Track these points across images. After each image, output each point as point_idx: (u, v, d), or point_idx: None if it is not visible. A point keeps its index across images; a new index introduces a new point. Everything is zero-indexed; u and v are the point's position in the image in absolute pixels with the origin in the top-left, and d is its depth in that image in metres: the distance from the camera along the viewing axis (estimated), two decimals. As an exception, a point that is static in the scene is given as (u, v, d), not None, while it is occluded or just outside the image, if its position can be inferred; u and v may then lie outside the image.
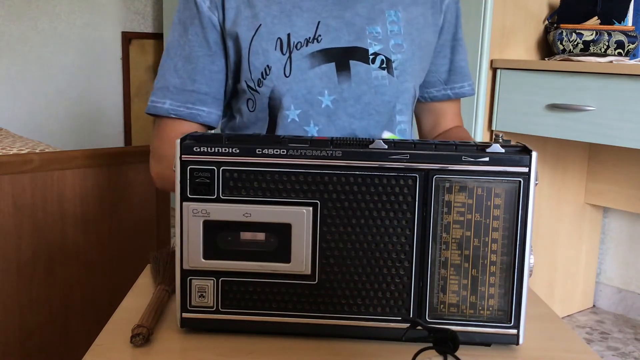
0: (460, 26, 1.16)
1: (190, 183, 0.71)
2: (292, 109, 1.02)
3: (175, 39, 1.05)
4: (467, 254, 0.70)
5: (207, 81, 1.04)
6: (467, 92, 1.19)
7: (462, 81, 1.18)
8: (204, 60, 1.03)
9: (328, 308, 0.72)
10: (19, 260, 1.47)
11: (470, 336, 0.72)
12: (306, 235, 0.71)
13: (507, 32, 2.15)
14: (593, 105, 1.88)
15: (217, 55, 1.04)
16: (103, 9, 3.71)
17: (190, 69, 1.03)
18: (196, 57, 1.03)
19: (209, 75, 1.04)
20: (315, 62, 1.01)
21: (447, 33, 1.14)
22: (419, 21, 1.08)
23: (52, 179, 1.49)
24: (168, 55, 1.05)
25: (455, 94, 1.18)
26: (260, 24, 1.01)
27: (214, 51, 1.04)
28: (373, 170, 0.70)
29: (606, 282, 2.70)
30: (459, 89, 1.18)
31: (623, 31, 2.06)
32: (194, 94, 1.03)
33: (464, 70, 1.18)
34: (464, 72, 1.18)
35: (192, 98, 1.04)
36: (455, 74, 1.17)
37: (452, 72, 1.17)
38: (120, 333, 0.75)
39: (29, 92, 3.53)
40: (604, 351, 2.31)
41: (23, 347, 1.51)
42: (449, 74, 1.17)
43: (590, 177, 2.54)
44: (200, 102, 1.04)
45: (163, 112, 1.04)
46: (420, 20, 1.09)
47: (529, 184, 0.69)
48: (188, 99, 1.03)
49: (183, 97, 1.03)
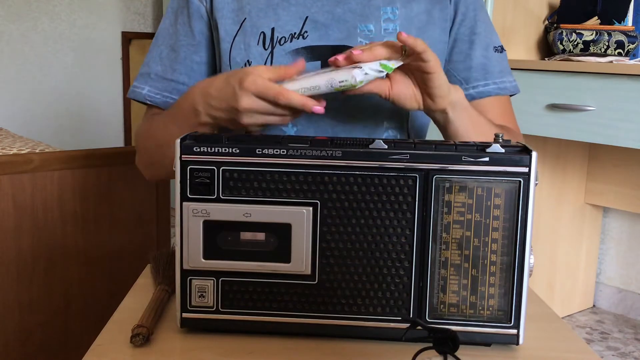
0: (481, 19, 1.05)
1: (190, 183, 0.71)
2: None
3: (165, 27, 1.05)
4: (467, 254, 0.70)
5: (188, 71, 1.02)
6: (492, 90, 1.05)
7: (485, 79, 1.05)
8: (186, 50, 1.02)
9: (328, 308, 0.72)
10: (19, 260, 1.47)
11: (470, 336, 0.72)
12: (306, 235, 0.71)
13: (507, 32, 2.15)
14: (593, 105, 1.88)
15: (201, 45, 1.02)
16: (103, 9, 3.72)
17: (173, 58, 1.02)
18: (179, 47, 1.02)
19: (189, 66, 1.02)
20: (298, 59, 0.91)
21: (462, 26, 1.04)
22: (421, 19, 1.01)
23: (52, 179, 1.49)
24: (156, 43, 1.05)
25: (480, 92, 1.04)
26: (245, 17, 0.98)
27: (198, 41, 1.02)
28: (373, 170, 0.70)
29: (606, 282, 2.70)
30: (484, 87, 1.05)
31: (623, 31, 2.06)
32: (172, 83, 1.02)
33: (487, 67, 1.05)
34: (487, 69, 1.05)
35: (170, 87, 1.02)
36: (477, 71, 1.05)
37: (473, 70, 1.05)
38: (120, 333, 0.75)
39: (28, 91, 3.53)
40: (604, 351, 2.31)
41: (23, 347, 1.51)
42: (470, 72, 1.05)
43: (590, 177, 2.54)
44: (177, 91, 1.02)
45: (140, 97, 1.04)
46: (422, 17, 1.01)
47: (529, 184, 0.69)
48: (166, 87, 1.02)
49: (161, 85, 1.03)
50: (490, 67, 1.05)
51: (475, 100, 1.04)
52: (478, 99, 1.05)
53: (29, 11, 3.48)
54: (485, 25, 1.06)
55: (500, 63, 1.07)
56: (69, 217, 1.53)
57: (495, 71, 1.05)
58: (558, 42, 2.10)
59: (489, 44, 1.06)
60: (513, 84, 1.08)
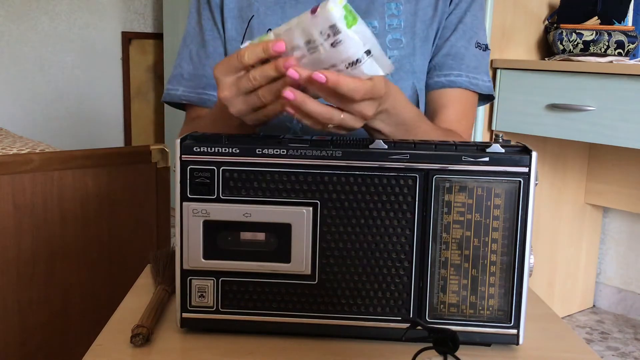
0: (472, 13, 1.02)
1: (190, 183, 0.71)
2: None
3: (191, 27, 1.05)
4: (467, 254, 0.70)
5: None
6: (463, 82, 1.00)
7: (459, 69, 1.00)
8: (213, 44, 1.02)
9: (328, 308, 0.72)
10: (19, 260, 1.47)
11: (470, 336, 0.72)
12: (306, 235, 0.71)
13: (507, 32, 2.15)
14: (593, 105, 1.88)
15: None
16: (103, 9, 3.72)
17: (203, 54, 1.03)
18: (207, 41, 1.03)
19: (218, 59, 1.02)
20: None
21: (452, 15, 1.02)
22: (427, 12, 1.01)
23: (52, 179, 1.49)
24: (184, 44, 1.06)
25: (450, 81, 1.00)
26: (252, 15, 0.99)
27: (222, 34, 1.03)
28: (373, 170, 0.70)
29: (606, 282, 2.70)
30: (456, 77, 1.00)
31: (623, 31, 2.06)
32: (204, 79, 1.02)
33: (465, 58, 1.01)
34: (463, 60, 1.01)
35: (202, 83, 1.02)
36: (453, 59, 1.01)
37: (450, 57, 1.01)
38: (120, 333, 0.75)
39: (28, 92, 3.53)
40: (604, 351, 2.31)
41: (23, 347, 1.51)
42: (445, 58, 1.01)
43: (590, 177, 2.54)
44: (211, 86, 1.02)
45: (176, 98, 1.03)
46: (428, 11, 1.01)
47: (529, 184, 0.69)
48: (199, 84, 1.02)
49: (194, 83, 1.03)
50: (468, 59, 1.02)
51: (442, 89, 1.01)
52: (446, 88, 1.01)
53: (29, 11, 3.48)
54: (474, 19, 1.03)
55: (479, 60, 1.03)
56: (69, 217, 1.53)
57: (472, 65, 1.02)
58: (558, 42, 2.10)
59: (473, 37, 1.03)
60: (487, 84, 1.04)
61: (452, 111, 1.01)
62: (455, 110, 1.01)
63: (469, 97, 1.03)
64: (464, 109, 1.03)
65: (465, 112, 1.03)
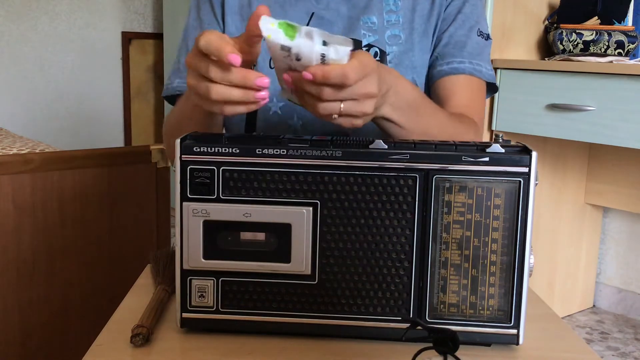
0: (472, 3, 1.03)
1: (190, 183, 0.71)
2: (274, 101, 1.00)
3: (190, 23, 1.06)
4: (467, 254, 0.70)
5: None
6: (466, 68, 0.99)
7: (461, 56, 1.00)
8: None
9: (328, 308, 0.72)
10: (19, 260, 1.47)
11: (470, 336, 0.72)
12: (306, 235, 0.71)
13: (507, 32, 2.15)
14: (593, 105, 1.88)
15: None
16: (103, 9, 3.71)
17: None
18: None
19: None
20: None
21: (450, 6, 1.02)
22: (424, 7, 1.02)
23: (52, 179, 1.49)
24: (183, 39, 1.06)
25: (453, 68, 0.99)
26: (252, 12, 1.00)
27: (222, 28, 1.03)
28: (373, 170, 0.70)
29: (606, 282, 2.70)
30: (458, 63, 1.00)
31: (623, 31, 2.06)
32: None
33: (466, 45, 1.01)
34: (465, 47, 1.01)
35: None
36: (455, 48, 1.01)
37: (451, 45, 1.01)
38: (120, 333, 0.75)
39: (29, 92, 3.53)
40: (604, 351, 2.31)
41: (23, 347, 1.51)
42: (447, 47, 1.01)
43: (590, 177, 2.54)
44: None
45: (171, 90, 1.04)
46: (426, 6, 1.02)
47: (529, 184, 0.69)
48: None
49: None
50: (469, 47, 1.01)
51: (447, 77, 1.00)
52: (450, 76, 1.00)
53: (29, 11, 3.48)
54: (474, 8, 1.03)
55: (480, 47, 1.02)
56: (69, 217, 1.53)
57: (474, 53, 1.01)
58: (558, 42, 2.10)
59: (474, 26, 1.02)
60: (490, 72, 1.03)
61: (459, 97, 0.99)
62: (462, 97, 0.99)
63: (475, 83, 1.02)
64: (471, 94, 1.01)
65: (473, 98, 1.01)
